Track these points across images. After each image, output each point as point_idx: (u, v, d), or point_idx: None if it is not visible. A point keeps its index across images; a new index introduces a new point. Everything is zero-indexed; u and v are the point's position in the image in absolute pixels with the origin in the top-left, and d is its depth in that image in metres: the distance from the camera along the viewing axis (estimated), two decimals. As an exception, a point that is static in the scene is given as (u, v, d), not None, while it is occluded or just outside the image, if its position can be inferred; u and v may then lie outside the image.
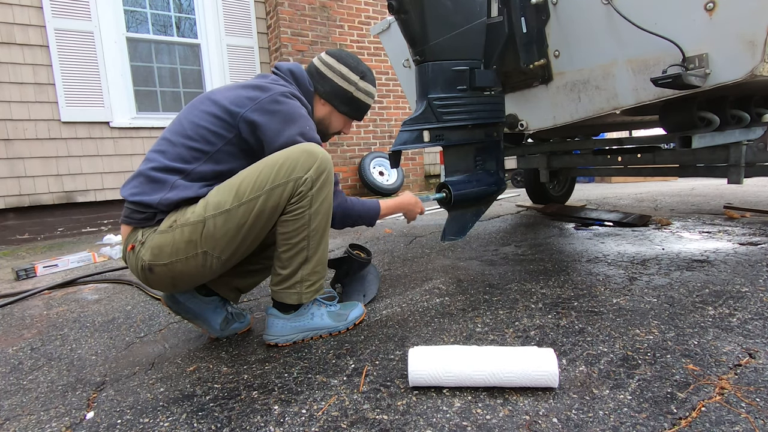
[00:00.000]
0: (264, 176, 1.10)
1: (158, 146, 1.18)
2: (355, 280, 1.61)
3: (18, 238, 3.91)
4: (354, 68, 1.39)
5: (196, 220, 1.09)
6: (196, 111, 1.18)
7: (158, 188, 1.12)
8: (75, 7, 3.96)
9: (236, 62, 4.86)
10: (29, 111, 3.82)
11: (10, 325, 1.66)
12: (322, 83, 1.38)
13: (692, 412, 0.82)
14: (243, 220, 1.10)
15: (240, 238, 1.12)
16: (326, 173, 1.17)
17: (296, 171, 1.12)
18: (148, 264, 1.11)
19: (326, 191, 1.18)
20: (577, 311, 1.35)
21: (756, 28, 1.37)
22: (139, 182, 1.14)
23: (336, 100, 1.39)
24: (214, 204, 1.10)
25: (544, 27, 1.80)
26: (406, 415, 0.88)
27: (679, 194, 4.26)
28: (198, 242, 1.10)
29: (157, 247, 1.10)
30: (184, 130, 1.16)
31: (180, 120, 1.19)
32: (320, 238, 1.21)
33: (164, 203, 1.11)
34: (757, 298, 1.35)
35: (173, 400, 1.00)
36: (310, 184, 1.13)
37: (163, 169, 1.13)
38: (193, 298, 1.28)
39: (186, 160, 1.14)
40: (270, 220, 1.14)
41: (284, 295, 1.22)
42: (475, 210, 1.80)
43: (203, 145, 1.15)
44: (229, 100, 1.17)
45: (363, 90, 1.41)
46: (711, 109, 1.91)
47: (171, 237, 1.10)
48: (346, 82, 1.38)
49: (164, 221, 1.12)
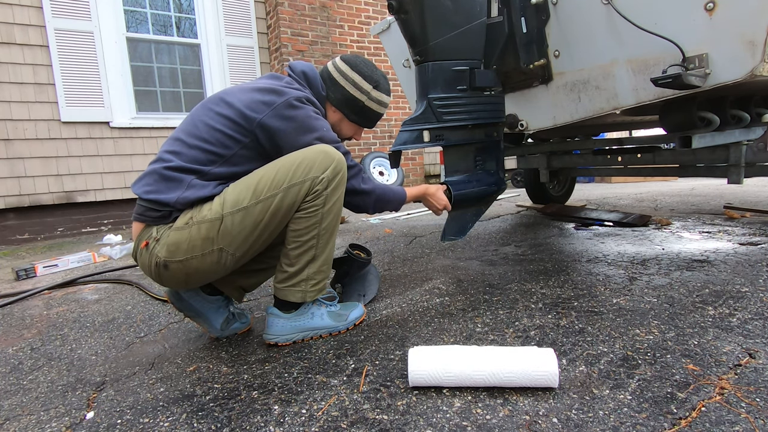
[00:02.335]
0: (282, 175, 1.12)
1: (172, 146, 1.17)
2: (355, 280, 1.61)
3: (18, 238, 3.91)
4: (368, 77, 1.37)
5: (214, 217, 1.10)
6: (211, 113, 1.17)
7: (174, 187, 1.12)
8: (75, 7, 3.96)
9: (236, 62, 4.86)
10: (29, 111, 3.82)
11: (10, 325, 1.66)
12: (334, 90, 1.37)
13: (692, 412, 0.82)
14: (260, 217, 1.11)
15: (255, 235, 1.14)
16: (341, 174, 1.19)
17: (313, 170, 1.13)
18: (164, 261, 1.12)
19: (340, 192, 1.20)
20: (577, 311, 1.35)
21: (756, 28, 1.37)
22: (153, 180, 1.14)
23: (347, 109, 1.38)
24: (231, 201, 1.11)
25: (544, 27, 1.80)
26: (406, 415, 0.88)
27: (679, 194, 4.26)
28: (215, 239, 1.10)
29: (173, 244, 1.11)
30: (199, 132, 1.16)
31: (194, 120, 1.19)
32: (329, 237, 1.22)
33: (181, 202, 1.12)
34: (757, 298, 1.35)
35: (173, 400, 1.00)
36: (326, 183, 1.15)
37: (178, 169, 1.13)
38: (197, 296, 1.28)
39: (202, 162, 1.15)
40: (285, 218, 1.16)
41: (288, 293, 1.22)
42: (475, 210, 1.80)
43: (219, 148, 1.15)
44: (244, 103, 1.16)
45: (375, 99, 1.39)
46: (711, 109, 1.91)
47: (188, 234, 1.10)
48: (358, 91, 1.36)
49: (180, 218, 1.12)
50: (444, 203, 1.62)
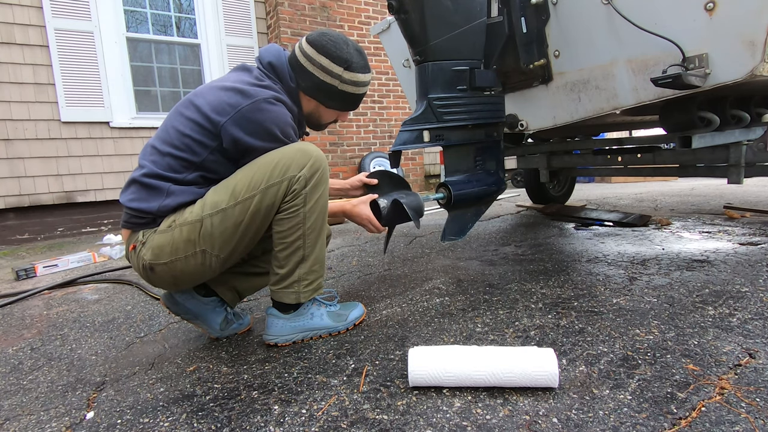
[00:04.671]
0: (259, 176, 1.11)
1: (149, 154, 1.17)
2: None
3: (18, 238, 3.91)
4: (336, 58, 1.23)
5: (194, 220, 1.10)
6: (181, 117, 1.16)
7: (154, 195, 1.13)
8: (75, 7, 3.96)
9: (236, 62, 4.85)
10: (29, 111, 3.82)
11: (10, 325, 1.66)
12: (303, 78, 1.25)
13: (692, 412, 0.82)
14: (240, 218, 1.11)
15: (238, 237, 1.13)
16: (320, 171, 1.17)
17: (290, 170, 1.12)
18: (149, 263, 1.13)
19: (321, 190, 1.18)
20: (577, 311, 1.35)
21: (756, 28, 1.37)
22: (136, 189, 1.15)
23: (320, 96, 1.28)
24: (211, 204, 1.11)
25: (544, 27, 1.80)
26: (406, 415, 0.88)
27: (679, 194, 4.25)
28: (197, 241, 1.11)
29: (157, 246, 1.12)
30: (170, 139, 1.15)
31: (166, 126, 1.18)
32: (316, 236, 1.21)
33: (163, 210, 1.13)
34: (757, 298, 1.35)
35: (173, 400, 1.00)
36: (303, 182, 1.14)
37: (154, 176, 1.13)
38: (192, 298, 1.28)
39: (175, 170, 1.14)
40: (266, 219, 1.15)
41: (282, 295, 1.22)
42: (475, 210, 1.80)
43: (189, 155, 1.14)
44: (210, 105, 1.13)
45: (349, 81, 1.26)
46: (711, 109, 1.91)
47: (170, 236, 1.11)
48: (328, 75, 1.24)
49: (163, 222, 1.13)
50: (367, 219, 1.39)
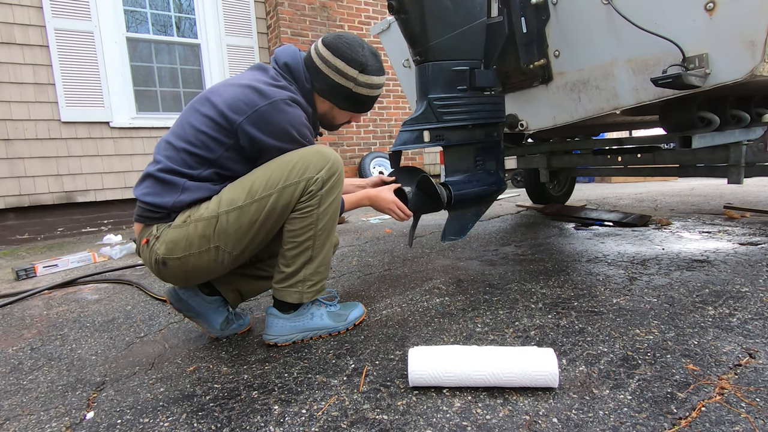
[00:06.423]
0: (277, 175, 1.12)
1: (164, 150, 1.17)
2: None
3: (18, 238, 3.91)
4: (352, 60, 1.24)
5: (210, 216, 1.11)
6: (197, 114, 1.16)
7: (170, 190, 1.13)
8: (75, 7, 3.95)
9: (236, 62, 4.85)
10: (29, 111, 3.82)
11: (10, 325, 1.66)
12: (318, 80, 1.26)
13: (692, 412, 0.82)
14: (255, 216, 1.12)
15: (252, 234, 1.14)
16: (337, 175, 1.18)
17: (308, 171, 1.13)
18: (162, 258, 1.13)
19: (336, 193, 1.19)
20: (577, 311, 1.35)
21: (756, 28, 1.37)
22: (151, 183, 1.16)
23: (335, 98, 1.29)
24: (227, 201, 1.12)
25: (544, 27, 1.80)
26: (406, 415, 0.88)
27: (679, 194, 4.25)
28: (211, 237, 1.11)
29: (171, 241, 1.12)
30: (186, 135, 1.16)
31: (182, 122, 1.19)
32: (326, 238, 1.21)
33: (178, 205, 1.13)
34: (757, 298, 1.35)
35: (173, 400, 1.00)
36: (320, 183, 1.15)
37: (170, 171, 1.14)
38: (196, 296, 1.29)
39: (190, 166, 1.15)
40: (281, 218, 1.16)
41: (286, 294, 1.23)
42: (475, 210, 1.80)
43: (204, 151, 1.14)
44: (226, 103, 1.13)
45: (364, 84, 1.27)
46: (711, 109, 1.91)
47: (185, 232, 1.11)
48: (343, 78, 1.25)
49: (178, 217, 1.14)
50: (393, 203, 1.45)
